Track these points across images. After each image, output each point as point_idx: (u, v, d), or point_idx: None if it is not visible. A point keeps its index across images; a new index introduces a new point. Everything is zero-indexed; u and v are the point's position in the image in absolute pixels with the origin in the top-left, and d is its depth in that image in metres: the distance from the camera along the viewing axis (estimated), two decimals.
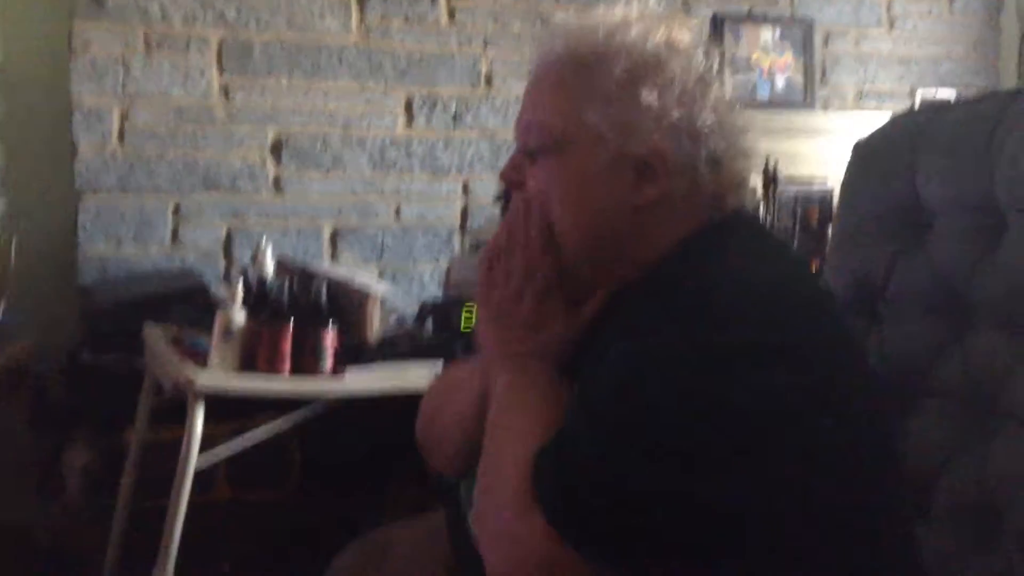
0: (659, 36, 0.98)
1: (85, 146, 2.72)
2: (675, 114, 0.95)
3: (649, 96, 0.95)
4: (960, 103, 1.28)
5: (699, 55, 1.00)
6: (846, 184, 1.33)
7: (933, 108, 1.17)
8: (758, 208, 3.09)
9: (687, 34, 1.00)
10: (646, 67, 0.96)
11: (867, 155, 1.29)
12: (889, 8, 3.56)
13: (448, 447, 1.09)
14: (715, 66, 1.01)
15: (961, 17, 3.63)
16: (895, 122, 1.31)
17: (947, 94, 3.51)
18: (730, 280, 0.90)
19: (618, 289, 0.99)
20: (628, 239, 0.98)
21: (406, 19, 2.99)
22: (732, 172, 0.99)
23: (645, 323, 0.89)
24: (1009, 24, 3.68)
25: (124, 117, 2.74)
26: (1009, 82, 3.61)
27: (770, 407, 0.82)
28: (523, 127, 1.02)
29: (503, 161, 1.06)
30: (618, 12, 1.01)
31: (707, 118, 0.97)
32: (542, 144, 0.99)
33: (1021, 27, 3.65)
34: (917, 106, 3.51)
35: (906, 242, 1.21)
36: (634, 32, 0.98)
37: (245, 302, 1.77)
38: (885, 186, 1.24)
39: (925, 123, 1.21)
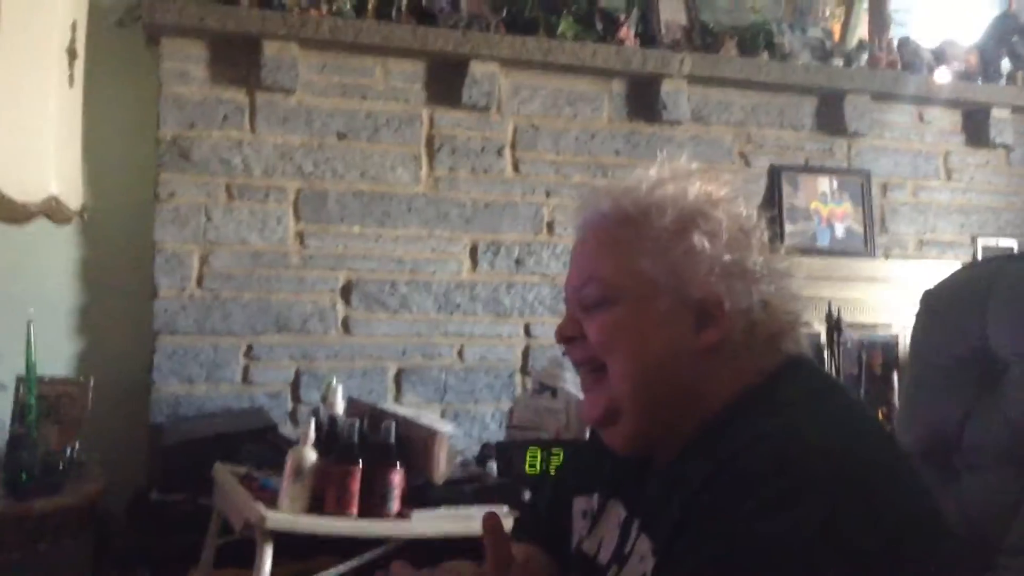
0: (698, 188, 1.02)
1: (165, 289, 2.83)
2: (726, 258, 0.98)
3: (699, 241, 0.98)
4: None
5: (740, 203, 1.04)
6: (915, 333, 1.32)
7: (1003, 257, 1.18)
8: (821, 354, 3.08)
9: (723, 185, 1.04)
10: (693, 215, 1.00)
11: (936, 304, 1.29)
12: (946, 160, 3.62)
13: None
14: (755, 213, 1.04)
15: (1019, 168, 3.66)
16: (964, 271, 1.32)
17: (1008, 243, 3.52)
18: (802, 434, 0.90)
19: (686, 440, 0.99)
20: (692, 386, 0.98)
21: (472, 170, 3.12)
22: (784, 314, 1.01)
23: (721, 481, 0.89)
24: None
25: (203, 262, 2.86)
26: None
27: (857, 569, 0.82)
28: (577, 285, 1.04)
29: (564, 304, 1.09)
30: (653, 171, 1.05)
31: (756, 261, 0.99)
32: (600, 297, 1.01)
33: None
34: (979, 256, 3.51)
35: (979, 392, 1.20)
36: (673, 187, 1.02)
37: (316, 442, 1.80)
38: (955, 335, 1.24)
39: (996, 272, 1.21)
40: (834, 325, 3.03)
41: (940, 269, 1.33)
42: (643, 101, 3.27)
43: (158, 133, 2.86)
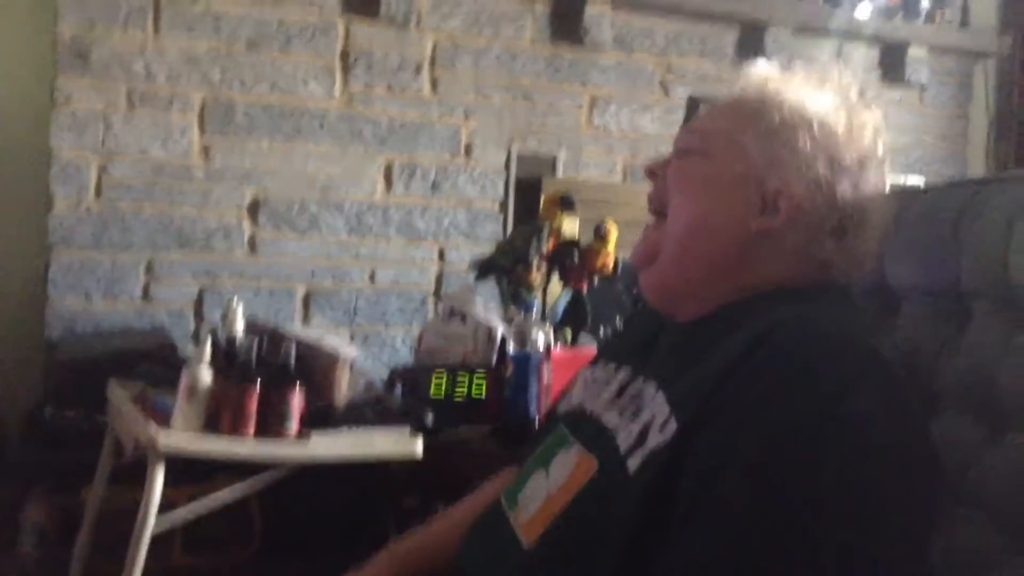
0: (838, 107, 1.03)
1: (61, 200, 2.71)
2: (821, 170, 1.00)
3: (803, 143, 1.00)
4: (929, 189, 1.30)
5: (870, 136, 1.04)
6: None
7: (903, 194, 1.19)
8: None
9: (866, 117, 1.05)
10: (811, 119, 1.01)
11: None
12: (860, 95, 3.64)
13: None
14: (880, 155, 1.04)
15: (931, 108, 3.72)
16: None
17: (916, 181, 3.58)
18: (851, 332, 0.93)
19: (712, 308, 1.02)
20: (732, 260, 1.01)
21: (389, 87, 3.04)
22: (854, 250, 1.02)
23: (742, 373, 0.87)
24: (977, 115, 3.78)
25: (102, 172, 2.75)
26: (977, 172, 3.69)
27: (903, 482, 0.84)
28: (684, 131, 1.10)
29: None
30: (824, 78, 1.07)
31: (847, 190, 1.00)
32: (693, 145, 1.06)
33: (989, 118, 3.75)
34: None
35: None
36: (822, 96, 1.04)
37: (213, 361, 1.75)
38: None
39: (895, 208, 1.22)
40: None
41: None
42: (566, 24, 3.21)
43: (56, 30, 2.70)
